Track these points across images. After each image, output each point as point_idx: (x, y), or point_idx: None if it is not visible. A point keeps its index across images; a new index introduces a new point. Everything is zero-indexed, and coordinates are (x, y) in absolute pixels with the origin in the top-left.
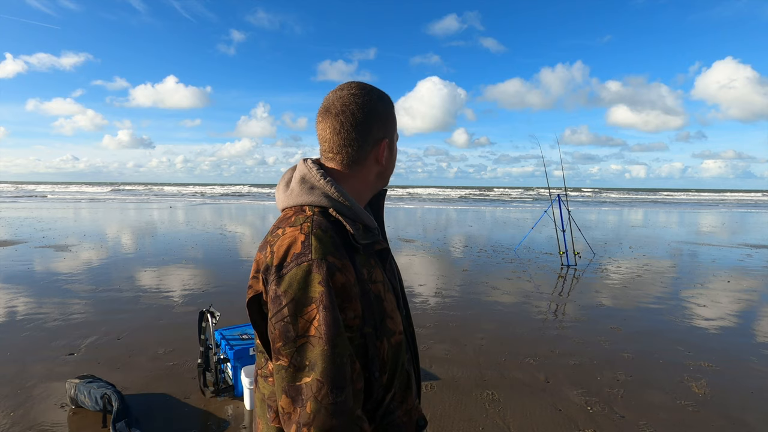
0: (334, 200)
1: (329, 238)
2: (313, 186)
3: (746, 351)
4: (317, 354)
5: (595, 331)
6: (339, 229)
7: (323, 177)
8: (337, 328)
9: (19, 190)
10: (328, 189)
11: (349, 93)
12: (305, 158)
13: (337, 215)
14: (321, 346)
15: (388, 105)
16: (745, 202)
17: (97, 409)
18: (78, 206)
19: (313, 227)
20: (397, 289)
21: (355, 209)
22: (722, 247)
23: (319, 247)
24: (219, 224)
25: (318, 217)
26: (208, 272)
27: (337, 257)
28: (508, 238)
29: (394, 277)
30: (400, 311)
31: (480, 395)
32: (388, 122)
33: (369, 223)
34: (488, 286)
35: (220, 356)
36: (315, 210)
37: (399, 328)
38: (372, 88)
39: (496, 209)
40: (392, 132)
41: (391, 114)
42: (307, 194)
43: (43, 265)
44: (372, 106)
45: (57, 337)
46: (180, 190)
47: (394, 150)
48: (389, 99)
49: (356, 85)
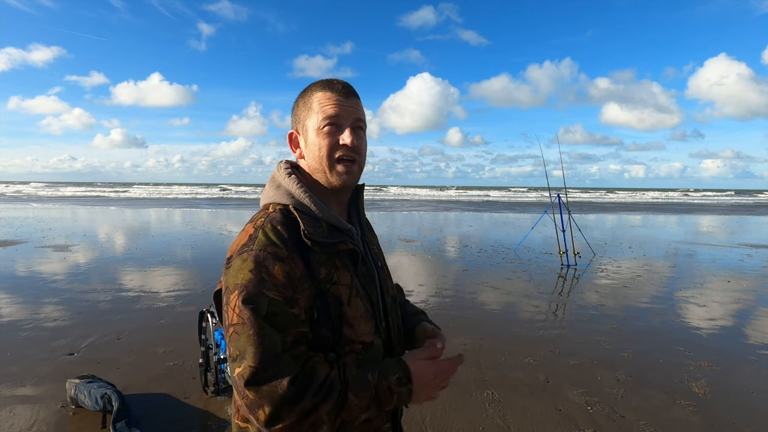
0: (295, 198)
1: (277, 232)
2: (279, 185)
3: (746, 351)
4: (244, 341)
5: (595, 331)
6: (294, 226)
7: (288, 176)
8: (262, 311)
9: (22, 194)
10: (291, 187)
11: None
12: (282, 159)
13: (295, 212)
14: (246, 332)
15: (301, 95)
16: (745, 202)
17: (97, 409)
18: (91, 209)
19: (265, 222)
20: (373, 296)
21: (317, 207)
22: (722, 247)
23: (263, 240)
24: (219, 224)
25: (275, 213)
26: (209, 272)
27: (280, 248)
28: (507, 238)
29: (371, 284)
30: (377, 321)
31: (480, 395)
32: (298, 111)
33: (336, 223)
34: (488, 286)
35: (220, 356)
36: (277, 207)
37: (360, 339)
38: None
39: (499, 210)
40: (301, 121)
41: (301, 103)
42: (274, 193)
43: (43, 265)
44: (295, 102)
45: (57, 337)
46: (195, 191)
47: (310, 139)
48: (310, 86)
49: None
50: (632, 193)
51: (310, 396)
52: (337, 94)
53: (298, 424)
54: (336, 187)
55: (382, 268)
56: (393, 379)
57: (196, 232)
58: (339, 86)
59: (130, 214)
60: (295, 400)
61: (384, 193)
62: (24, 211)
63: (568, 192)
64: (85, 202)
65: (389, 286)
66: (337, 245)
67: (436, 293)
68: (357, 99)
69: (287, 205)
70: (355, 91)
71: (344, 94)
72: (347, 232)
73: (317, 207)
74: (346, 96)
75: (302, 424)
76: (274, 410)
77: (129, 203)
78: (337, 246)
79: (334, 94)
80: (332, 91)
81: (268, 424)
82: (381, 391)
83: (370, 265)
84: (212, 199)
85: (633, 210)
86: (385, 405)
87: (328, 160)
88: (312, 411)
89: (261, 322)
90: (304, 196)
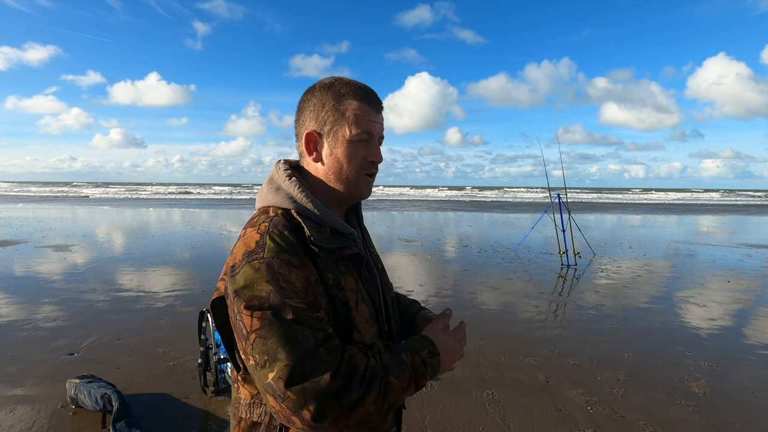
0: (297, 202)
1: (285, 239)
2: (279, 187)
3: (746, 351)
4: (273, 343)
5: (595, 331)
6: (299, 232)
7: (289, 178)
8: (287, 316)
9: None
10: (293, 190)
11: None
12: (281, 159)
13: (298, 217)
14: (274, 333)
15: (329, 93)
16: (745, 202)
17: (97, 409)
18: (94, 208)
19: (270, 227)
20: (377, 301)
21: (321, 212)
22: (722, 247)
23: (272, 246)
24: (219, 225)
25: (278, 218)
26: (208, 272)
27: (293, 255)
28: (507, 238)
29: (374, 288)
30: (380, 326)
31: (480, 395)
32: (323, 112)
33: (340, 228)
34: (488, 286)
35: (220, 356)
36: (278, 211)
37: (365, 343)
38: (334, 79)
39: (499, 210)
40: (328, 123)
41: (330, 103)
42: (273, 195)
43: (43, 265)
44: (313, 95)
45: (57, 337)
46: (201, 191)
47: (345, 147)
48: (341, 88)
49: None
50: (632, 193)
51: (355, 387)
52: (373, 109)
53: (345, 417)
54: (354, 198)
55: (382, 271)
56: (424, 353)
57: (197, 232)
58: (375, 98)
59: (130, 214)
60: (339, 394)
61: (384, 193)
62: (24, 211)
63: (568, 192)
64: (60, 201)
65: (389, 289)
66: (342, 250)
67: (436, 293)
68: (383, 112)
69: (289, 209)
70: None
71: (378, 110)
72: (350, 236)
73: (321, 211)
74: (379, 111)
75: (349, 417)
76: (320, 406)
77: (109, 203)
78: (342, 251)
79: (371, 108)
80: (369, 105)
81: (315, 421)
82: (417, 367)
83: (372, 269)
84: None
85: (633, 210)
86: (421, 380)
87: (357, 173)
88: (359, 402)
89: (288, 323)
90: (307, 201)
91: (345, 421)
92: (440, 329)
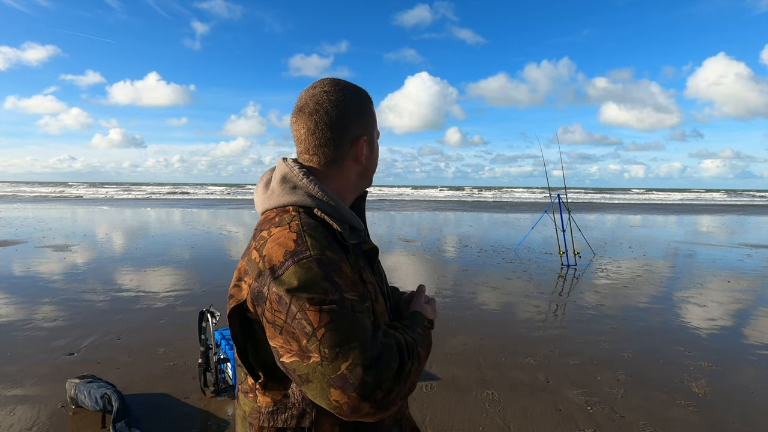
0: (319, 200)
1: (323, 236)
2: (295, 186)
3: (746, 351)
4: (344, 333)
5: (595, 331)
6: (326, 229)
7: (306, 176)
8: (349, 308)
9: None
10: (312, 188)
11: (321, 90)
12: (285, 157)
13: (322, 215)
14: (344, 323)
15: (363, 100)
16: (745, 202)
17: (97, 409)
18: (94, 208)
19: (302, 225)
20: (385, 293)
21: (340, 209)
22: (722, 247)
23: (315, 243)
24: (218, 224)
25: (305, 217)
26: (208, 272)
27: (334, 252)
28: (507, 238)
29: (381, 280)
30: (389, 316)
31: (480, 395)
32: (365, 118)
33: (355, 224)
34: (488, 286)
35: (220, 356)
36: (300, 210)
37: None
38: (346, 84)
39: (499, 210)
40: (371, 128)
41: (368, 109)
42: (290, 194)
43: (43, 265)
44: (346, 102)
45: (57, 337)
46: (208, 190)
47: (375, 147)
48: (365, 94)
49: (329, 81)
50: (632, 193)
51: (407, 362)
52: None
53: (403, 391)
54: (363, 190)
55: (380, 264)
56: (426, 325)
57: (197, 232)
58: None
59: (130, 214)
60: (401, 369)
61: (384, 194)
62: (24, 211)
63: (568, 192)
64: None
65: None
66: (361, 245)
67: (436, 293)
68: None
69: (311, 207)
70: None
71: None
72: (362, 231)
73: (341, 209)
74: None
75: (405, 390)
76: (390, 384)
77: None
78: (362, 246)
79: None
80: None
81: (385, 399)
82: (427, 337)
83: (379, 263)
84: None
85: (633, 210)
86: (429, 349)
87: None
88: (409, 375)
89: (354, 314)
90: (329, 199)
91: (403, 395)
92: (423, 303)
